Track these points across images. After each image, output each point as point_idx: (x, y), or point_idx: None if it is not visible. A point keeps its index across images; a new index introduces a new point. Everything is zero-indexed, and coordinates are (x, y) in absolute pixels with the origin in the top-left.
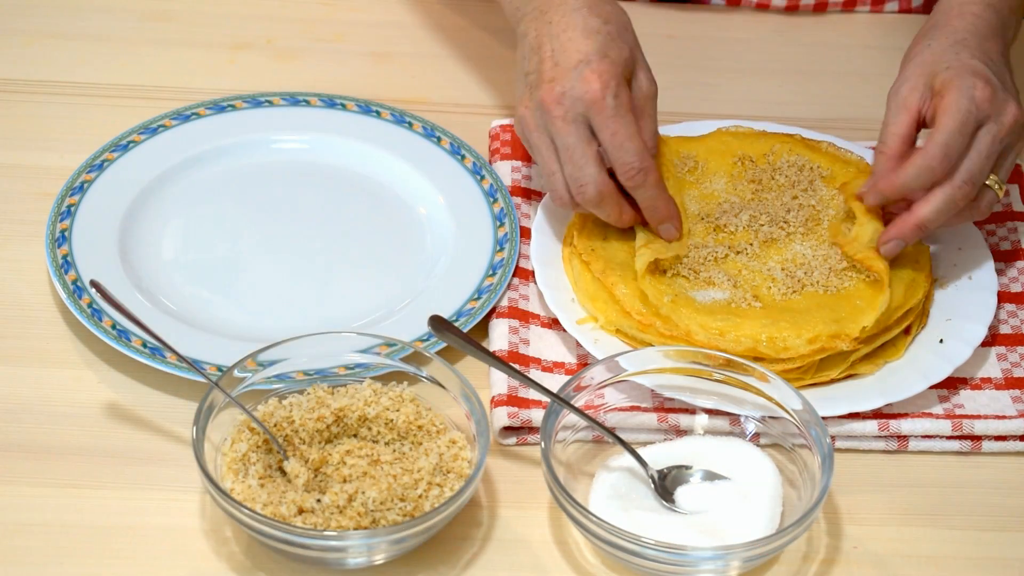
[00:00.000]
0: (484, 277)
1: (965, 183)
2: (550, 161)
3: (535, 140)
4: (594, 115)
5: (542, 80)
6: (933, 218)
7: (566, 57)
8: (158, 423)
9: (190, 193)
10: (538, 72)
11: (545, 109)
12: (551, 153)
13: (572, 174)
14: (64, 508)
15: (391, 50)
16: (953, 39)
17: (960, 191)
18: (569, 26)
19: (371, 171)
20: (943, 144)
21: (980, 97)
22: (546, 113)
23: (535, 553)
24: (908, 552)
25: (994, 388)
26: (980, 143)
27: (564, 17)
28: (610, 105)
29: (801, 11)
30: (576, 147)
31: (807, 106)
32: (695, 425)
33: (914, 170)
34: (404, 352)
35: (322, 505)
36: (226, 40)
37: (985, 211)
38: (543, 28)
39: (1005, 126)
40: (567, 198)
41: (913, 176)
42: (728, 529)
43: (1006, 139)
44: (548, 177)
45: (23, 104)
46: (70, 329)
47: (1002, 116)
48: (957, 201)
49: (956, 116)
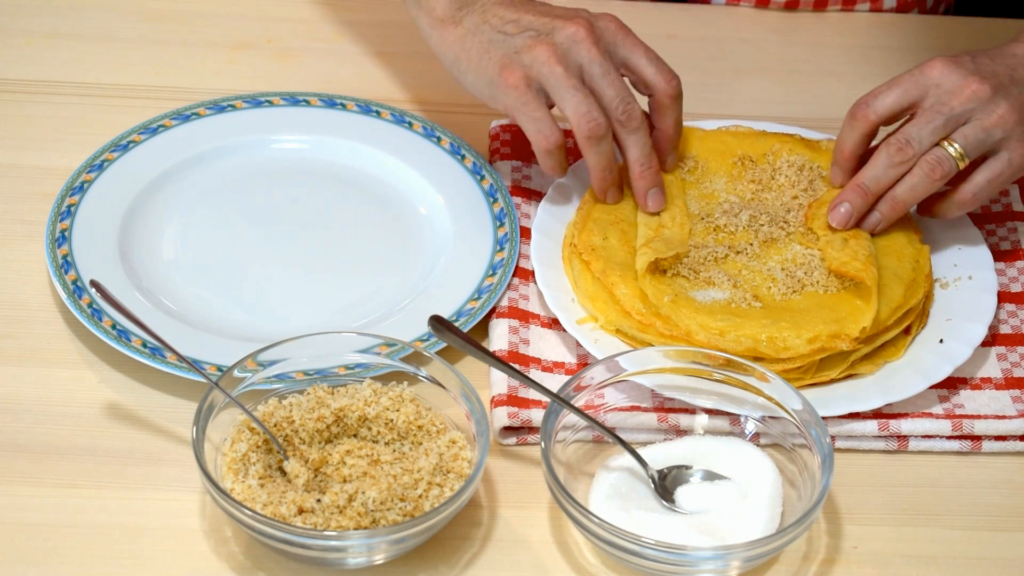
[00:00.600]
0: (484, 277)
1: (898, 140)
2: (583, 89)
3: (561, 71)
4: (625, 43)
5: (557, 24)
6: (873, 176)
7: (563, 12)
8: (158, 423)
9: (190, 193)
10: (543, 24)
11: (578, 39)
12: (582, 84)
13: (618, 94)
14: (64, 508)
15: (391, 50)
16: (982, 49)
17: (892, 148)
18: (543, 5)
19: (371, 171)
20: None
21: (930, 67)
22: (579, 43)
23: (535, 553)
24: (908, 552)
25: (994, 388)
26: (923, 111)
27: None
28: (632, 33)
29: (801, 9)
30: (615, 72)
31: (807, 106)
32: (695, 425)
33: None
34: (404, 352)
35: (322, 505)
36: (226, 40)
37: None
38: (507, 12)
39: (956, 94)
40: (606, 122)
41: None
42: (728, 529)
43: (958, 108)
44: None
45: (23, 104)
46: (70, 329)
47: (954, 83)
48: (892, 157)
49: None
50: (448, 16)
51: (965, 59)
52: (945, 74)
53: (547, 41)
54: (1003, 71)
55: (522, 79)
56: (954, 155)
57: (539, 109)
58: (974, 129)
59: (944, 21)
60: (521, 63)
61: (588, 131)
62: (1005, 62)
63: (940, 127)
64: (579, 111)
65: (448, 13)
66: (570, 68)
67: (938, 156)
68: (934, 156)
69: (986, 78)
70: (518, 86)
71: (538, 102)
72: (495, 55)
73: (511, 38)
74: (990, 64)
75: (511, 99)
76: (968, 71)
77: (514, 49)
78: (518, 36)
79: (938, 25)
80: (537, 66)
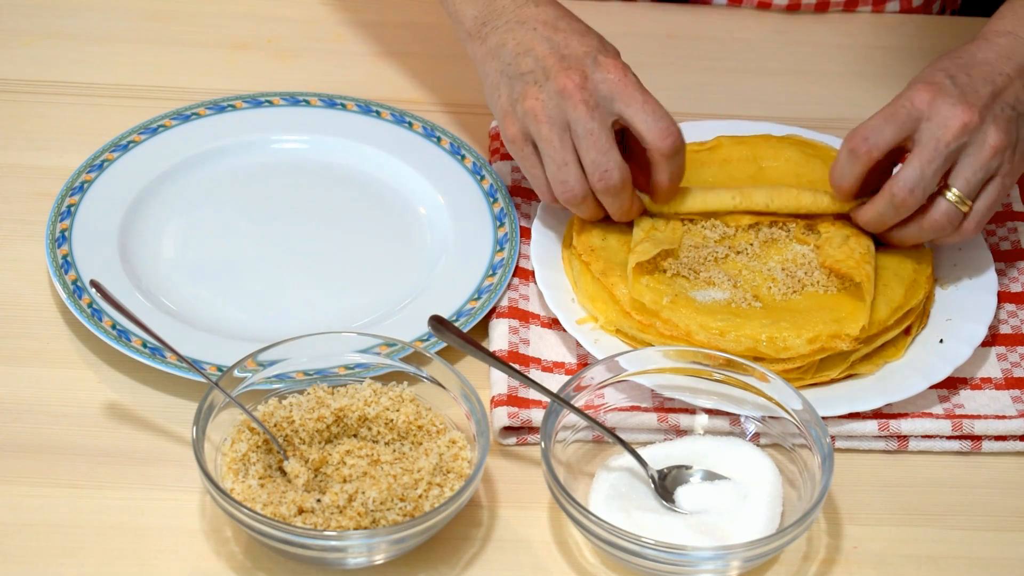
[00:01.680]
0: (484, 277)
1: (902, 190)
2: (563, 151)
3: (546, 131)
4: (622, 95)
5: (552, 72)
6: (875, 220)
7: (571, 51)
8: (158, 423)
9: (190, 193)
10: (543, 68)
11: (566, 95)
12: (565, 143)
13: (596, 160)
14: (64, 508)
15: (391, 50)
16: (951, 55)
17: (898, 197)
18: (559, 29)
19: (371, 171)
20: (863, 127)
21: (918, 98)
22: (566, 99)
23: (535, 553)
24: (908, 552)
25: (994, 388)
26: (920, 148)
27: (548, 24)
28: (634, 82)
29: (802, 10)
30: (601, 132)
31: (807, 106)
32: (695, 425)
33: (842, 158)
34: (404, 352)
35: (322, 505)
36: (226, 40)
37: (945, 225)
38: (527, 34)
39: (949, 129)
40: (580, 189)
41: (840, 165)
42: (728, 529)
43: (953, 144)
44: (559, 168)
45: (23, 104)
46: (70, 329)
47: (946, 119)
48: (896, 206)
49: (887, 108)
50: (475, 31)
51: (946, 82)
52: (935, 106)
53: (539, 95)
54: (984, 89)
55: (519, 133)
56: (955, 200)
57: (535, 166)
58: (971, 168)
59: (945, 21)
60: (516, 115)
61: (564, 199)
62: (983, 75)
63: (940, 166)
64: (556, 178)
65: (475, 27)
66: (556, 126)
67: (946, 213)
68: (942, 215)
69: (973, 104)
70: (516, 139)
71: (534, 159)
72: (503, 95)
73: (517, 79)
74: (970, 82)
75: (511, 150)
76: (955, 99)
77: (515, 95)
78: (521, 79)
79: (939, 25)
80: (528, 121)
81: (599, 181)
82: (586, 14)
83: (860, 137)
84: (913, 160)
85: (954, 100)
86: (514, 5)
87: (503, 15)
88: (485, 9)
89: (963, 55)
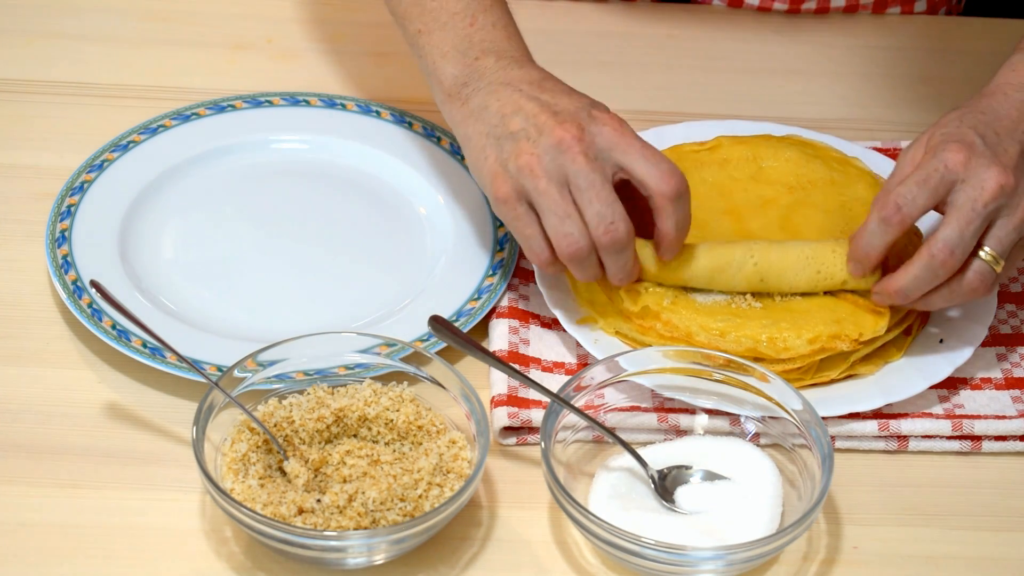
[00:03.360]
0: (484, 277)
1: (941, 251)
2: (566, 204)
3: (544, 185)
4: (620, 145)
5: (547, 127)
6: (911, 285)
7: (563, 107)
8: (158, 423)
9: (190, 193)
10: (535, 125)
11: (565, 147)
12: (565, 196)
13: (600, 212)
14: (64, 508)
15: (391, 50)
16: (969, 111)
17: (937, 260)
18: (546, 89)
19: (371, 171)
20: (897, 193)
21: (952, 160)
22: (565, 152)
23: (535, 553)
24: (908, 552)
25: (994, 388)
26: (956, 210)
27: (534, 84)
28: (631, 133)
29: (803, 14)
30: (604, 185)
31: (807, 106)
32: (695, 425)
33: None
34: (404, 352)
35: (322, 505)
36: (226, 40)
37: (979, 286)
38: (513, 95)
39: (986, 191)
40: (586, 242)
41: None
42: (728, 529)
43: (991, 205)
44: (561, 221)
45: (23, 104)
46: (70, 329)
47: (982, 181)
48: (935, 268)
49: (919, 171)
50: (455, 91)
51: (976, 141)
52: (970, 168)
53: (534, 150)
54: (1012, 148)
55: (512, 192)
56: (989, 260)
57: (529, 226)
58: (1005, 230)
59: (946, 22)
60: (510, 173)
61: (568, 254)
62: (1008, 133)
63: (979, 228)
64: (558, 232)
65: (455, 88)
66: (554, 180)
67: (980, 273)
68: (977, 274)
69: (1007, 166)
70: (508, 199)
71: (528, 218)
72: (491, 156)
73: (506, 138)
74: (999, 141)
75: (502, 213)
76: (988, 160)
77: (506, 154)
78: (511, 137)
79: (940, 26)
80: (523, 178)
81: (604, 234)
82: (587, 14)
83: (893, 206)
84: (951, 222)
85: (988, 161)
86: (497, 67)
87: (485, 76)
88: (466, 69)
89: (986, 110)
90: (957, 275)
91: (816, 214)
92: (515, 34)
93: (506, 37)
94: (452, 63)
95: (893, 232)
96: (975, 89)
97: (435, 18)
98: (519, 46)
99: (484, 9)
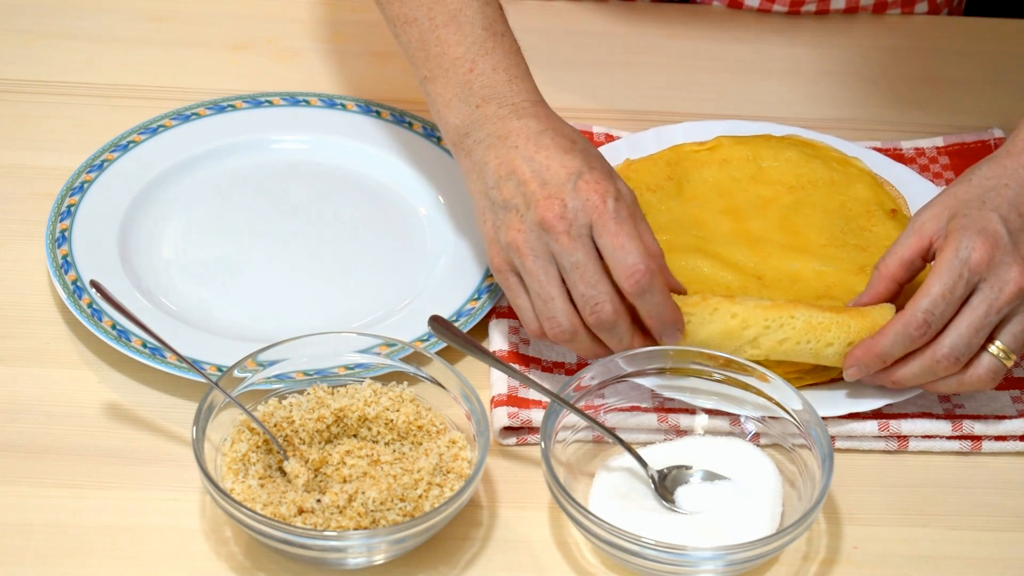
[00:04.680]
0: (484, 277)
1: (946, 357)
2: (549, 286)
3: (530, 264)
4: (596, 224)
5: (533, 200)
6: (907, 381)
7: (552, 174)
8: (158, 423)
9: (190, 193)
10: (524, 195)
11: (547, 227)
12: (551, 277)
13: (585, 293)
14: (64, 508)
15: (391, 50)
16: (995, 181)
17: (940, 364)
18: (542, 147)
19: (371, 171)
20: (925, 311)
21: (976, 260)
22: (548, 231)
23: (535, 553)
24: (908, 552)
25: (994, 388)
26: (971, 312)
27: (531, 140)
28: (611, 210)
29: (803, 15)
30: (588, 264)
31: (807, 106)
32: (695, 425)
33: (893, 337)
34: (404, 352)
35: (322, 505)
36: (226, 40)
37: (987, 380)
38: (509, 153)
39: (1005, 294)
40: (569, 324)
41: (891, 343)
42: (728, 529)
43: (1005, 308)
44: (545, 304)
45: (23, 104)
46: (70, 329)
47: (1003, 283)
48: (937, 372)
49: (943, 279)
50: (458, 142)
51: (1000, 232)
52: (992, 268)
53: (520, 226)
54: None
55: (504, 263)
56: (1000, 356)
57: (519, 296)
58: (1020, 327)
59: (946, 22)
60: (501, 244)
61: (552, 336)
62: None
63: (987, 331)
64: (542, 315)
65: (457, 139)
66: (540, 258)
67: (990, 368)
68: (986, 369)
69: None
70: (501, 269)
71: (519, 290)
72: (488, 221)
73: (500, 206)
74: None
75: (498, 279)
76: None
77: (499, 223)
78: (504, 206)
79: (941, 26)
80: (511, 253)
81: (591, 315)
82: (587, 14)
83: (921, 322)
84: (961, 326)
85: (1010, 259)
86: (496, 116)
87: (484, 126)
88: (467, 118)
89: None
90: (966, 368)
91: (816, 214)
92: (518, 76)
93: (507, 81)
94: (455, 112)
95: (916, 345)
96: (975, 89)
97: (438, 64)
98: (522, 89)
99: (485, 53)
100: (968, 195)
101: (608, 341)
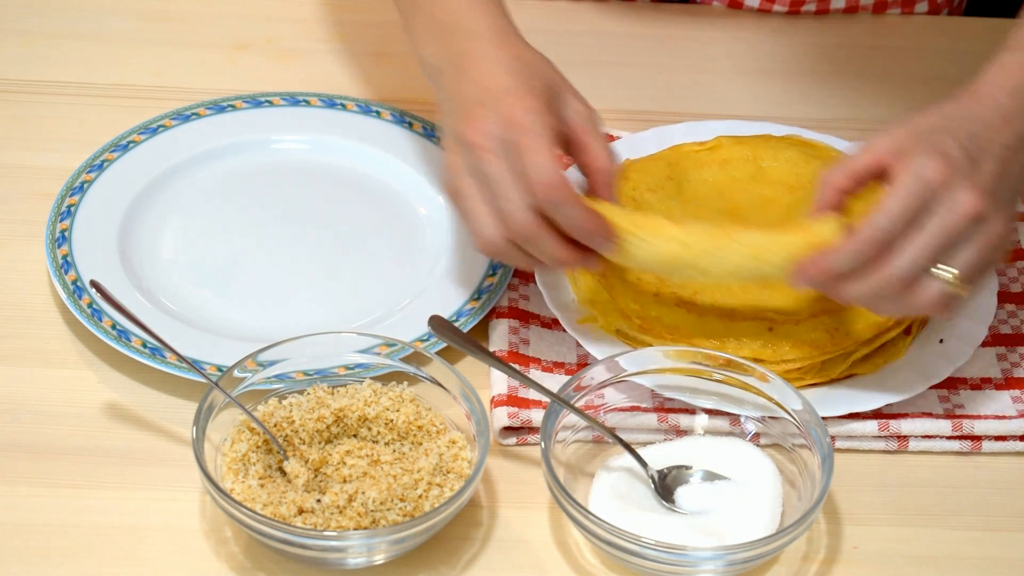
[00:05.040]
0: (484, 277)
1: (896, 277)
2: (472, 200)
3: (458, 182)
4: (514, 140)
5: (463, 120)
6: (855, 299)
7: (484, 93)
8: (158, 423)
9: (190, 193)
10: (458, 116)
11: (470, 144)
12: (474, 192)
13: (500, 207)
14: (64, 508)
15: (391, 50)
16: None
17: (890, 284)
18: (484, 68)
19: (371, 171)
20: (883, 229)
21: (933, 179)
22: (472, 148)
23: (535, 553)
24: (908, 552)
25: (994, 388)
26: (923, 233)
27: (478, 63)
28: (527, 125)
29: (803, 15)
30: (501, 177)
31: (807, 106)
32: (695, 425)
33: (847, 254)
34: (404, 352)
35: (322, 505)
36: (226, 40)
37: (935, 305)
38: (459, 77)
39: (957, 215)
40: (492, 236)
41: (845, 260)
42: (728, 529)
43: (956, 230)
44: (471, 219)
45: (23, 104)
46: (70, 329)
47: (955, 203)
48: (885, 292)
49: (902, 197)
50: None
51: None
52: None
53: (453, 147)
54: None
55: (447, 184)
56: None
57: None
58: (972, 254)
59: (946, 22)
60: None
61: (481, 248)
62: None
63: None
64: (472, 230)
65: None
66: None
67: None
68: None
69: (984, 190)
70: (447, 192)
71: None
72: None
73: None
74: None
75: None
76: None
77: (444, 147)
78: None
79: (941, 26)
80: (449, 174)
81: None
82: (587, 14)
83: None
84: (913, 246)
85: (966, 183)
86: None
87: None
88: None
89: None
90: (914, 291)
91: None
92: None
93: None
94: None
95: (869, 263)
96: None
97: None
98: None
99: None
100: (928, 124)
101: (535, 253)
